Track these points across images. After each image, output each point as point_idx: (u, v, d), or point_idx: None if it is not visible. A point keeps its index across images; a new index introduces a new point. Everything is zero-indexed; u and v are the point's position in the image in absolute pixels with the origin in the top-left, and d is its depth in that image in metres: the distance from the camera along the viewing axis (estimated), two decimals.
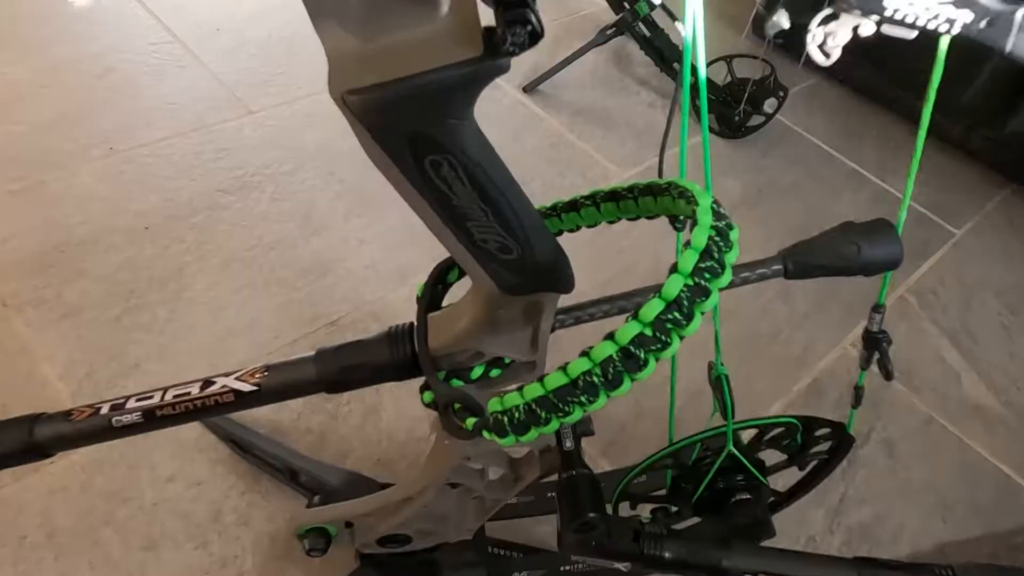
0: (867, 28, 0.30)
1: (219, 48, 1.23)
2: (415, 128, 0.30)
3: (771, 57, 1.24)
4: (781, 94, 1.22)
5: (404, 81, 0.29)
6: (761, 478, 0.59)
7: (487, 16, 0.29)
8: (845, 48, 0.30)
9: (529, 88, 1.29)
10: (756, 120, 1.26)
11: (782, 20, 0.34)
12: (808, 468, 0.62)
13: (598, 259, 1.02)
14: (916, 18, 0.28)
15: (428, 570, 0.63)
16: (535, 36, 0.28)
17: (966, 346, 1.05)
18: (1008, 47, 0.29)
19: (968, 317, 1.09)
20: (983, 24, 0.28)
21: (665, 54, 1.28)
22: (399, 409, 0.82)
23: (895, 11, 0.28)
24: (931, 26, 0.29)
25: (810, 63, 0.34)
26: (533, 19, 0.27)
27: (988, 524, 0.85)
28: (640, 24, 1.26)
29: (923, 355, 1.02)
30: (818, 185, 1.26)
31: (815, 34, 0.31)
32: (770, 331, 1.00)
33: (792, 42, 1.40)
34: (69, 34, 1.19)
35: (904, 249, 0.44)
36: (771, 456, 0.61)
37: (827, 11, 0.30)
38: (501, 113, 1.24)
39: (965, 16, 0.28)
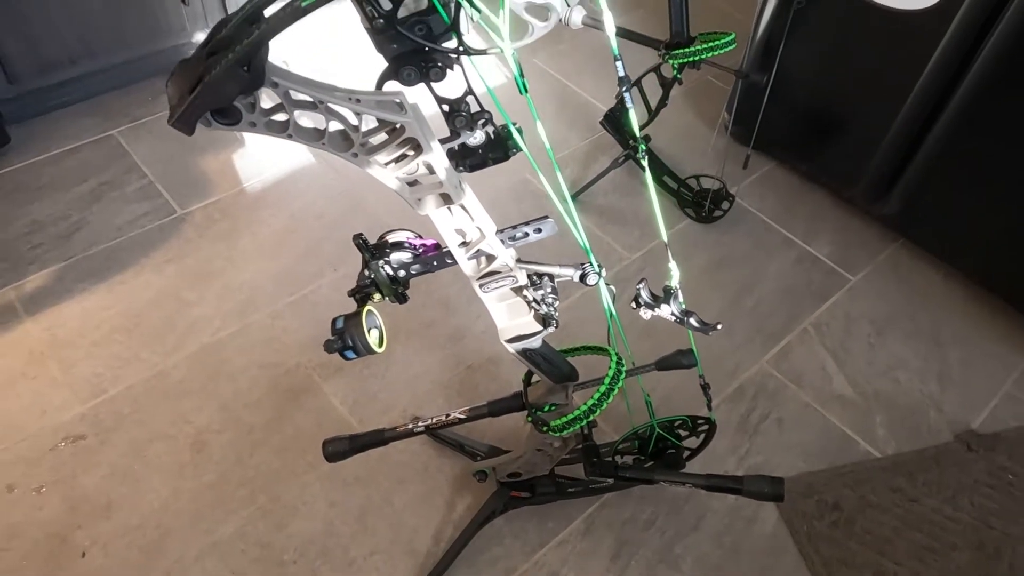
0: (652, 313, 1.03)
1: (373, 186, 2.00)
2: (525, 346, 1.04)
3: (724, 171, 1.92)
4: (731, 198, 1.91)
5: (523, 338, 1.03)
6: (677, 442, 1.32)
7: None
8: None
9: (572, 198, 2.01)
10: (718, 213, 1.95)
11: (646, 315, 1.06)
12: (701, 438, 1.34)
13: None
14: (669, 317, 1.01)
15: (529, 488, 1.38)
16: (557, 325, 1.01)
17: (841, 358, 1.73)
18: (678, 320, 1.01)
19: (846, 339, 1.77)
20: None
21: (657, 173, 1.98)
22: (510, 417, 1.57)
23: (656, 314, 1.01)
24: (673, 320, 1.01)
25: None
26: (554, 323, 1.01)
27: (831, 462, 1.55)
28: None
29: (811, 366, 1.71)
30: (760, 252, 1.94)
31: (640, 311, 1.03)
32: (716, 356, 1.71)
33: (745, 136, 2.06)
34: (292, 193, 1.98)
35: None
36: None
37: (642, 304, 1.02)
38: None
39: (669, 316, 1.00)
